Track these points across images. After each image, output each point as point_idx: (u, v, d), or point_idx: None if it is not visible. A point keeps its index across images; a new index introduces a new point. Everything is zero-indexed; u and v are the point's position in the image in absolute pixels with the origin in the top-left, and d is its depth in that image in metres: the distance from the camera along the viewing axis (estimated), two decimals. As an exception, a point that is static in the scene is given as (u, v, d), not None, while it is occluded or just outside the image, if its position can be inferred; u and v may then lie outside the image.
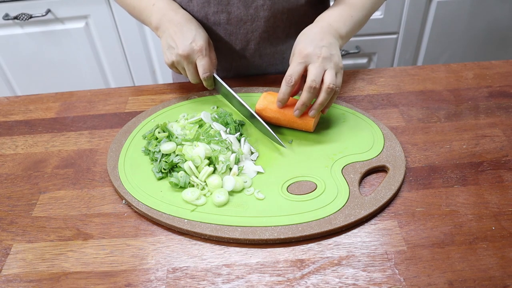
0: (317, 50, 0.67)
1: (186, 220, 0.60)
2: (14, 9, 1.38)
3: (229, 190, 0.63)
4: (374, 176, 0.67)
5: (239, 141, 0.72)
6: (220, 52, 0.86)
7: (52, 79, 1.58)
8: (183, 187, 0.64)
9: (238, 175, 0.66)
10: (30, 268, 0.57)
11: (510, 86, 0.84)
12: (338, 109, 0.78)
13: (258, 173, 0.67)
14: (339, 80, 0.68)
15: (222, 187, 0.64)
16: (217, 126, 0.72)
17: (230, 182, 0.64)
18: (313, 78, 0.66)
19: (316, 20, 0.75)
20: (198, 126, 0.74)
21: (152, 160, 0.70)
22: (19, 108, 0.87)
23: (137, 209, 0.63)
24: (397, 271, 0.53)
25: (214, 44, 0.81)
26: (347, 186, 0.63)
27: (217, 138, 0.70)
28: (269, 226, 0.58)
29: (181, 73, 0.79)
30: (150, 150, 0.70)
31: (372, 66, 1.67)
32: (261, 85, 0.88)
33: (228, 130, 0.73)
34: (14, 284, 0.55)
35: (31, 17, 1.39)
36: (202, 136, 0.71)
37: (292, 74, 0.68)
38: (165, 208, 0.62)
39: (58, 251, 0.59)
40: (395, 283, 0.52)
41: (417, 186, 0.64)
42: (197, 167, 0.66)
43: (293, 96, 0.73)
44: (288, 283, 0.53)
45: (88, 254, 0.58)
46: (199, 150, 0.66)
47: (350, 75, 0.89)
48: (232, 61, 0.90)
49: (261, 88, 0.85)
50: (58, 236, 0.61)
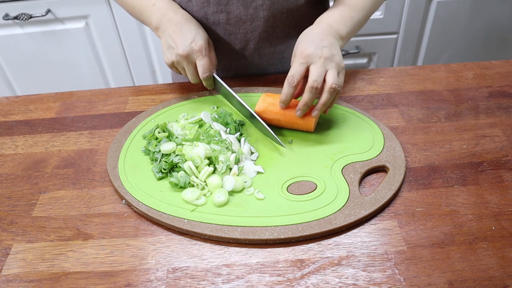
0: (318, 51, 0.67)
1: (186, 220, 0.60)
2: (14, 9, 1.38)
3: (229, 190, 0.63)
4: (374, 176, 0.67)
5: (239, 141, 0.71)
6: (219, 52, 0.86)
7: (52, 79, 1.58)
8: (183, 187, 0.64)
9: (238, 175, 0.66)
10: (30, 268, 0.57)
11: (510, 86, 0.84)
12: (338, 109, 0.78)
13: (258, 173, 0.67)
14: (341, 80, 0.68)
15: (222, 187, 0.64)
16: (217, 126, 0.72)
17: (230, 182, 0.64)
18: (314, 78, 0.66)
19: (316, 21, 0.75)
20: (198, 126, 0.74)
21: (152, 160, 0.70)
22: (19, 108, 0.87)
23: (137, 209, 0.63)
24: (397, 271, 0.53)
25: (214, 44, 0.81)
26: (347, 186, 0.63)
27: (217, 138, 0.70)
28: (269, 226, 0.58)
29: (181, 73, 0.79)
30: (150, 150, 0.70)
31: (372, 66, 1.67)
32: (261, 85, 0.88)
33: (228, 130, 0.73)
34: (14, 284, 0.55)
35: (31, 17, 1.39)
36: (202, 136, 0.71)
37: (294, 75, 0.67)
38: (165, 208, 0.62)
39: (58, 251, 0.59)
40: (395, 283, 0.52)
41: (417, 186, 0.64)
42: (197, 167, 0.66)
43: (295, 97, 0.73)
44: (288, 283, 0.53)
45: (88, 254, 0.58)
46: (199, 150, 0.66)
47: (350, 75, 0.89)
48: (231, 61, 0.90)
49: (261, 88, 0.85)
50: (58, 236, 0.61)
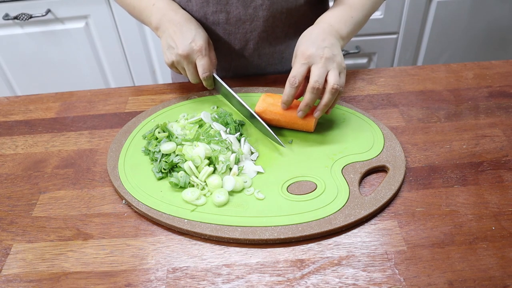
0: (319, 51, 0.67)
1: (186, 220, 0.60)
2: (14, 9, 1.38)
3: (229, 190, 0.63)
4: (374, 176, 0.67)
5: (239, 141, 0.71)
6: (219, 51, 0.86)
7: (52, 79, 1.58)
8: (183, 187, 0.64)
9: (238, 175, 0.66)
10: (30, 268, 0.57)
11: (510, 86, 0.84)
12: (338, 109, 0.78)
13: (258, 173, 0.67)
14: (343, 80, 0.68)
15: (222, 187, 0.64)
16: (217, 126, 0.72)
17: (230, 182, 0.64)
18: (316, 79, 0.66)
19: (316, 21, 0.75)
20: (198, 126, 0.74)
21: (152, 160, 0.70)
22: (19, 108, 0.87)
23: (137, 209, 0.63)
24: (397, 271, 0.53)
25: (213, 43, 0.81)
26: (347, 186, 0.63)
27: (217, 138, 0.70)
28: (269, 226, 0.58)
29: (181, 73, 0.79)
30: (150, 150, 0.70)
31: (372, 66, 1.67)
32: (261, 85, 0.88)
33: (228, 130, 0.73)
34: (14, 284, 0.55)
35: (31, 17, 1.39)
36: (202, 136, 0.71)
37: (295, 75, 0.67)
38: (165, 208, 0.62)
39: (58, 251, 0.59)
40: (395, 283, 0.52)
41: (417, 186, 0.64)
42: (197, 167, 0.66)
43: (297, 98, 0.73)
44: (288, 283, 0.53)
45: (88, 254, 0.58)
46: (199, 150, 0.66)
47: (350, 75, 0.89)
48: (231, 60, 0.90)
49: (261, 88, 0.85)
50: (58, 236, 0.61)
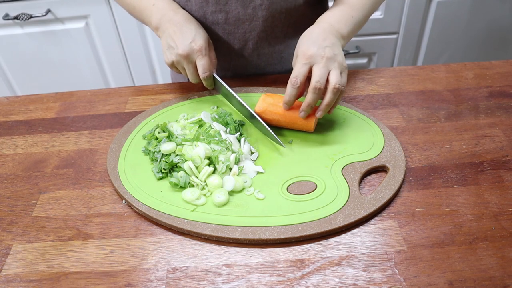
0: (320, 51, 0.67)
1: (186, 220, 0.60)
2: (14, 9, 1.38)
3: (229, 190, 0.63)
4: (374, 176, 0.67)
5: (239, 141, 0.71)
6: (218, 51, 0.86)
7: (52, 79, 1.58)
8: (183, 187, 0.64)
9: (238, 175, 0.66)
10: (30, 268, 0.57)
11: (510, 86, 0.84)
12: (338, 109, 0.78)
13: (258, 173, 0.67)
14: (344, 79, 0.68)
15: (222, 187, 0.64)
16: (217, 126, 0.72)
17: (230, 182, 0.64)
18: (317, 79, 0.66)
19: (317, 21, 0.75)
20: (198, 126, 0.74)
21: (152, 160, 0.70)
22: (19, 108, 0.87)
23: (137, 209, 0.63)
24: (397, 271, 0.53)
25: (213, 43, 0.81)
26: (347, 186, 0.63)
27: (217, 138, 0.70)
28: (269, 226, 0.58)
29: (181, 73, 0.79)
30: (150, 150, 0.70)
31: (372, 66, 1.67)
32: (261, 85, 0.88)
33: (228, 130, 0.73)
34: (14, 284, 0.55)
35: (31, 17, 1.39)
36: (202, 136, 0.71)
37: (297, 75, 0.67)
38: (165, 208, 0.62)
39: (58, 251, 0.59)
40: (395, 283, 0.52)
41: (417, 186, 0.64)
42: (197, 167, 0.66)
43: (298, 98, 0.73)
44: (288, 283, 0.53)
45: (88, 254, 0.58)
46: (199, 150, 0.66)
47: (350, 75, 0.89)
48: (230, 60, 0.90)
49: (261, 88, 0.85)
50: (58, 236, 0.61)
